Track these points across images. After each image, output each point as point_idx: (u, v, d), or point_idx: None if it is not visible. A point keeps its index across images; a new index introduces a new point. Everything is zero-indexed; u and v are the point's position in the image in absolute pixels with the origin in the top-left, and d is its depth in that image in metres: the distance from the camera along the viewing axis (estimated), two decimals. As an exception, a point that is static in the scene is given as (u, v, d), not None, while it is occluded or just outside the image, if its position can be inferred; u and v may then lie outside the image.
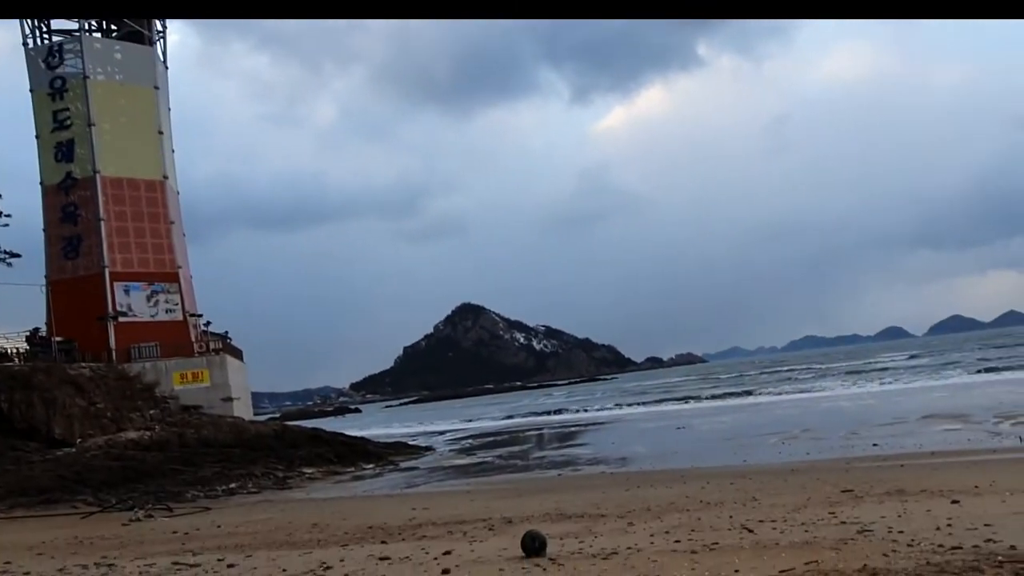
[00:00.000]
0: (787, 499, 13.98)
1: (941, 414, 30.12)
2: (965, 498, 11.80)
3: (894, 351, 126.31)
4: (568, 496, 18.09)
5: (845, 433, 27.55)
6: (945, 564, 6.77)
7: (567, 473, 25.62)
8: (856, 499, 13.10)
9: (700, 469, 22.21)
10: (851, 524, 9.80)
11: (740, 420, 38.77)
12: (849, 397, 46.21)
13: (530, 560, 9.01)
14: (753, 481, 17.64)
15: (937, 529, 8.74)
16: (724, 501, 14.63)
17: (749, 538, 9.33)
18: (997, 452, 19.29)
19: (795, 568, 7.20)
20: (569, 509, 15.58)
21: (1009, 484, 13.02)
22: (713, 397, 61.49)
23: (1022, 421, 25.02)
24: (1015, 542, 7.60)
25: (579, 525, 12.62)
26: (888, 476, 16.10)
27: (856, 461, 20.26)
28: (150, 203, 39.03)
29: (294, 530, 15.70)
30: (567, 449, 35.59)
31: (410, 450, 40.69)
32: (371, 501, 22.41)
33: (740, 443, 28.39)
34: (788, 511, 12.30)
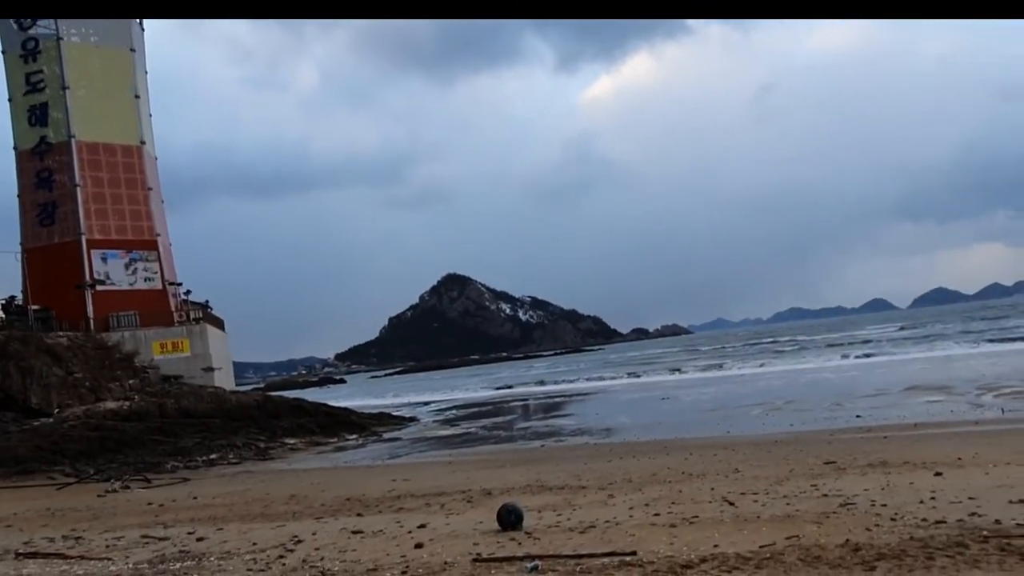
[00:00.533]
0: (770, 471, 13.84)
1: (924, 386, 30.14)
2: (948, 470, 11.66)
3: (879, 323, 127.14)
4: (550, 467, 17.93)
5: (829, 405, 27.52)
6: (929, 539, 6.56)
7: (550, 444, 25.46)
8: (839, 471, 12.96)
9: (683, 440, 22.10)
10: (833, 497, 9.61)
11: (724, 391, 38.76)
12: (833, 369, 46.31)
13: (506, 534, 8.78)
14: (736, 453, 17.52)
15: (921, 503, 8.56)
16: (706, 473, 14.48)
17: (730, 511, 9.12)
18: (980, 424, 19.24)
19: (776, 543, 6.98)
20: (550, 481, 15.42)
21: (992, 456, 12.91)
22: (697, 368, 61.62)
23: (1005, 393, 25.04)
24: (999, 516, 7.41)
25: (559, 497, 12.42)
26: (871, 448, 15.99)
27: (839, 433, 20.18)
28: (127, 169, 38.21)
29: (271, 502, 15.45)
30: (551, 420, 35.51)
31: (393, 421, 40.51)
32: (351, 472, 22.21)
33: (724, 414, 28.34)
34: (770, 483, 12.14)
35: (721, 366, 61.51)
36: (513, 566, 6.90)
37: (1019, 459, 12.31)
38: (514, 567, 6.87)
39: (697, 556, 6.69)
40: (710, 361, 70.29)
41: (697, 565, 6.35)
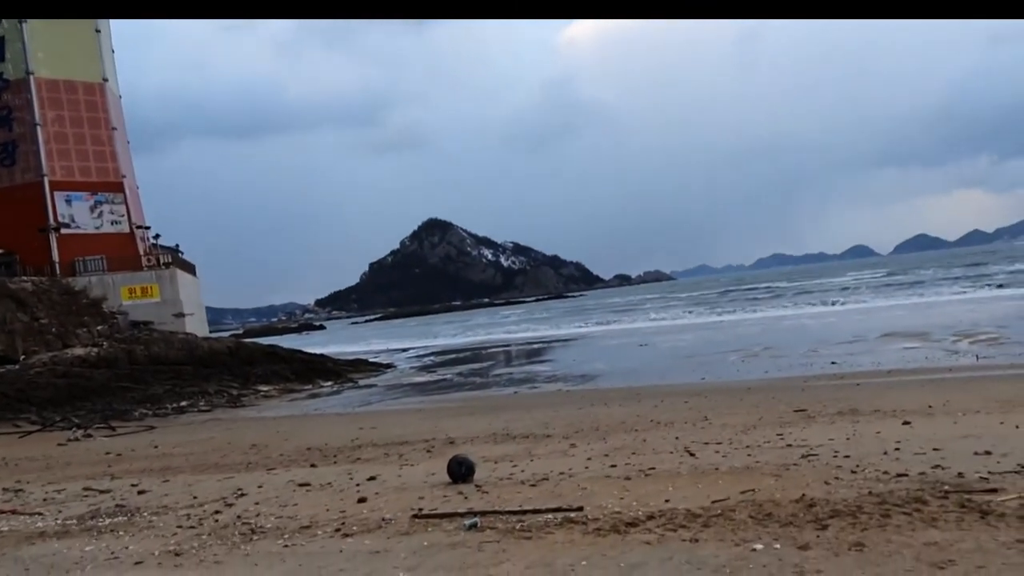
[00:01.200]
0: (738, 419, 13.60)
1: (901, 332, 30.05)
2: (917, 419, 11.41)
3: (860, 270, 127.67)
4: (519, 415, 17.68)
5: (805, 351, 27.36)
6: (888, 494, 6.23)
7: (524, 391, 25.23)
8: (807, 419, 12.72)
9: (657, 387, 21.90)
10: (797, 447, 9.30)
11: (702, 338, 38.65)
12: (812, 315, 46.28)
13: (455, 487, 8.42)
14: (708, 400, 17.31)
15: (884, 454, 8.24)
16: (674, 421, 14.24)
17: (689, 463, 8.79)
18: (953, 371, 19.06)
19: (729, 497, 6.63)
20: (517, 429, 15.15)
21: (963, 404, 12.68)
22: (677, 314, 61.61)
23: (980, 339, 24.93)
24: (963, 468, 7.09)
25: (521, 446, 12.11)
26: (843, 395, 15.80)
27: (813, 380, 19.97)
28: (89, 107, 36.88)
29: (230, 452, 15.10)
30: (528, 366, 35.34)
31: (370, 367, 40.25)
32: (320, 420, 21.90)
33: (700, 361, 28.18)
34: (737, 432, 11.87)
35: (701, 312, 61.50)
36: (452, 522, 6.53)
37: (989, 407, 12.09)
38: (453, 523, 6.50)
39: (645, 512, 6.33)
40: (691, 307, 70.32)
41: (643, 522, 5.99)
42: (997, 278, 61.34)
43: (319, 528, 6.74)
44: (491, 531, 6.08)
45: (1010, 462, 7.21)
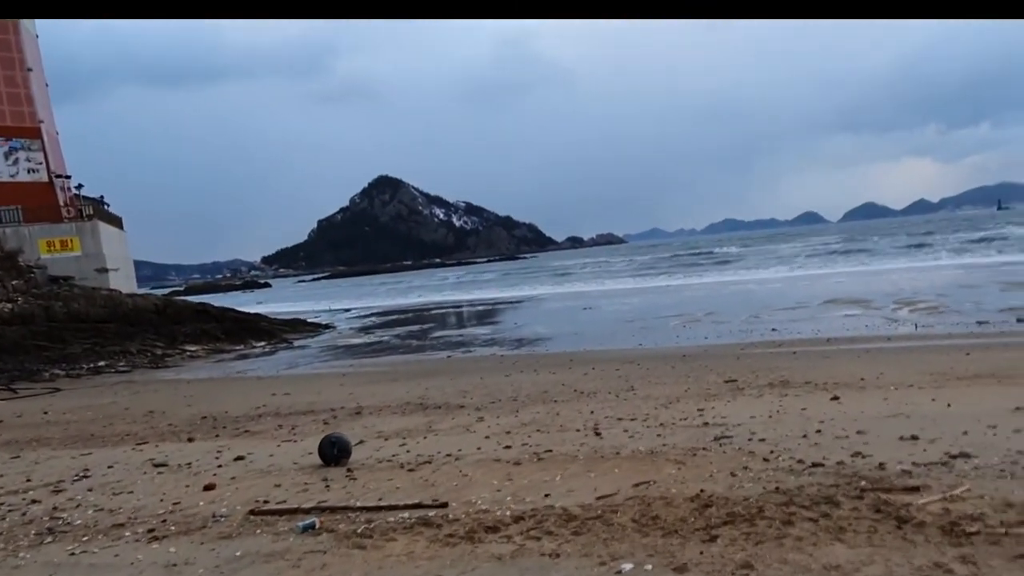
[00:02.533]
0: (665, 390, 12.86)
1: (844, 299, 29.70)
2: (848, 394, 10.71)
3: (810, 236, 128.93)
4: (442, 382, 16.78)
5: (747, 317, 26.84)
6: (797, 492, 5.38)
7: (457, 355, 24.29)
8: (736, 392, 12.00)
9: (592, 353, 21.16)
10: (714, 427, 8.47)
11: (647, 302, 38.07)
12: (758, 281, 46.03)
13: (324, 471, 7.41)
14: (640, 367, 16.57)
15: (804, 437, 7.44)
16: (599, 391, 13.46)
17: (591, 444, 7.89)
18: (892, 340, 18.57)
19: (618, 492, 5.74)
20: (434, 398, 14.28)
21: (896, 377, 12.06)
22: (625, 277, 61.18)
23: (920, 308, 24.61)
24: (885, 457, 6.30)
25: (426, 419, 11.16)
26: (778, 364, 15.17)
27: (751, 347, 19.33)
28: (2, 47, 34.35)
29: (120, 420, 13.90)
30: (469, 329, 34.40)
31: (308, 327, 38.94)
32: (235, 384, 20.69)
33: (641, 325, 27.51)
34: (658, 405, 11.09)
35: (649, 275, 61.16)
36: (291, 521, 5.52)
37: (921, 380, 11.46)
38: (292, 523, 5.49)
39: (515, 512, 5.41)
40: (640, 270, 70.01)
41: (507, 526, 5.06)
42: (941, 247, 61.96)
43: (132, 527, 5.69)
44: (327, 535, 5.10)
45: (936, 450, 6.43)
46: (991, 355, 13.97)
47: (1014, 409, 8.09)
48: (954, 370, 12.39)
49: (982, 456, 6.12)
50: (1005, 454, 6.15)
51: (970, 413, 8.02)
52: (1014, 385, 10.36)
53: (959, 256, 51.66)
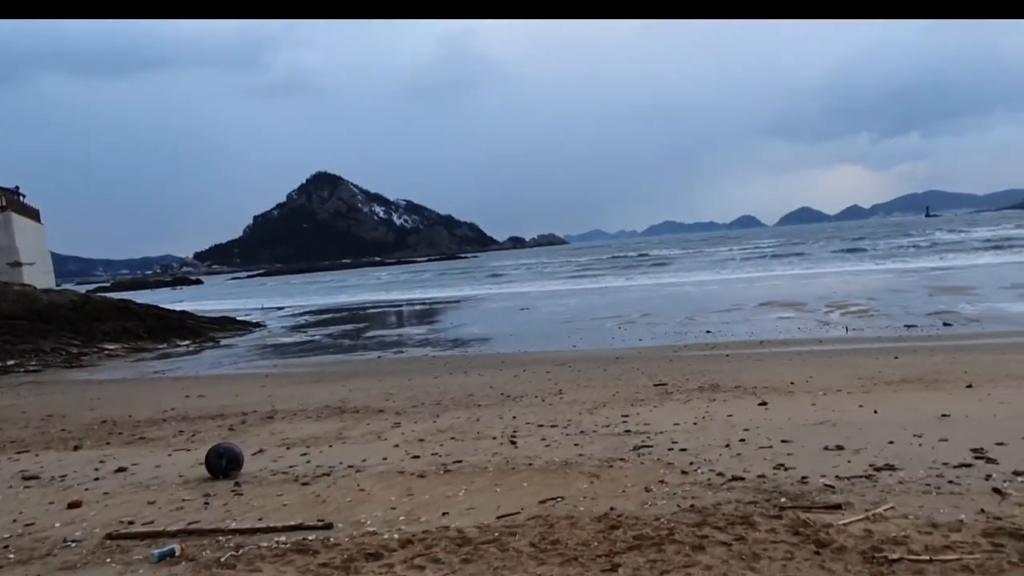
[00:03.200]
0: (592, 394, 12.47)
1: (778, 302, 29.89)
2: (776, 399, 10.45)
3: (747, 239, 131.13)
4: (367, 384, 16.15)
5: (682, 319, 26.74)
6: (712, 510, 4.96)
7: (389, 356, 23.59)
8: (664, 396, 11.65)
9: (525, 355, 20.72)
10: (635, 435, 8.06)
11: (585, 303, 37.87)
12: (695, 283, 46.29)
13: (209, 484, 6.75)
14: (571, 370, 16.18)
15: (727, 446, 7.07)
16: (525, 394, 13.00)
17: (504, 454, 7.39)
18: (823, 343, 18.56)
19: (522, 511, 5.25)
20: (355, 401, 13.65)
21: (825, 381, 11.88)
22: (564, 278, 61.10)
23: (851, 311, 24.82)
24: (808, 470, 5.94)
25: (340, 424, 10.52)
26: (709, 367, 14.92)
27: (684, 349, 19.13)
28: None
29: (12, 424, 12.90)
30: (404, 329, 33.68)
31: (237, 326, 37.65)
32: (148, 386, 19.64)
33: (577, 327, 27.19)
34: (582, 410, 10.68)
35: (588, 276, 61.19)
36: (152, 547, 4.87)
37: (850, 385, 11.29)
38: (152, 548, 4.84)
39: (404, 535, 4.88)
40: (579, 272, 70.06)
41: (392, 552, 4.53)
42: (873, 251, 63.43)
43: (-34, 555, 4.97)
44: (185, 564, 4.48)
45: (861, 461, 6.10)
46: (919, 359, 13.95)
47: (939, 417, 7.87)
48: (882, 374, 12.28)
49: (907, 468, 5.81)
50: (930, 467, 5.86)
51: (896, 421, 7.77)
52: (940, 390, 10.23)
53: (889, 261, 52.88)
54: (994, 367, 12.34)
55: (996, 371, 11.86)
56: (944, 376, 11.56)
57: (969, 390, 10.07)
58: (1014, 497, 4.98)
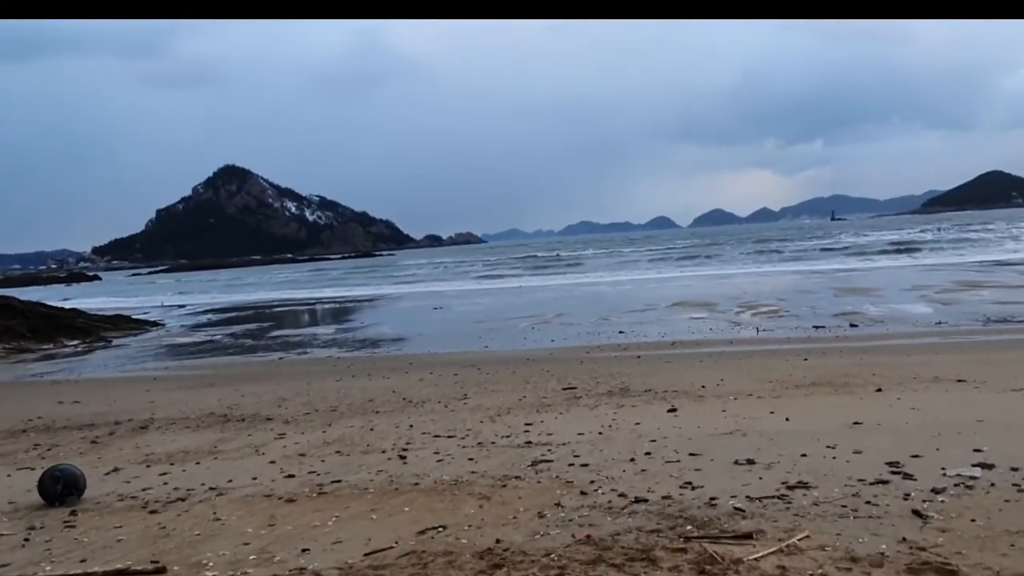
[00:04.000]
0: (499, 399, 11.86)
1: (691, 302, 29.95)
2: (686, 404, 10.03)
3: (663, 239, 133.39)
4: (263, 388, 15.14)
5: (596, 319, 26.42)
6: (611, 540, 4.38)
7: (291, 357, 22.46)
8: (571, 401, 11.14)
9: (434, 356, 19.98)
10: (537, 446, 7.46)
11: (499, 303, 37.30)
12: (610, 283, 46.36)
13: (40, 513, 5.78)
14: (480, 372, 15.54)
15: (632, 460, 6.52)
16: (428, 400, 12.30)
17: (390, 472, 6.66)
18: (734, 343, 18.43)
19: (395, 545, 4.56)
20: (245, 407, 12.69)
21: (736, 385, 11.57)
22: (480, 277, 60.56)
23: (762, 312, 24.97)
24: (718, 489, 5.43)
25: (218, 436, 9.58)
26: (621, 370, 14.50)
27: (596, 350, 18.72)
28: None
29: None
30: (311, 329, 32.40)
31: (132, 325, 35.55)
32: (20, 390, 18.07)
33: (490, 327, 26.56)
34: (485, 417, 10.05)
35: (504, 276, 60.81)
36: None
37: (761, 389, 11.00)
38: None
39: (248, 582, 4.08)
40: (495, 271, 69.64)
41: (225, 608, 3.74)
42: (782, 253, 65.06)
43: None
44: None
45: (773, 479, 5.63)
46: (827, 361, 13.84)
47: (851, 425, 7.53)
48: (793, 377, 12.06)
49: (822, 486, 5.36)
50: (846, 484, 5.43)
51: (809, 430, 7.39)
52: (850, 395, 10.00)
53: (798, 262, 54.23)
54: (901, 369, 12.28)
55: (903, 373, 11.78)
56: (853, 379, 11.39)
57: (879, 394, 9.86)
58: (935, 521, 4.57)
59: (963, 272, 35.80)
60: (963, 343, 15.99)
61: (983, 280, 30.80)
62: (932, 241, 65.98)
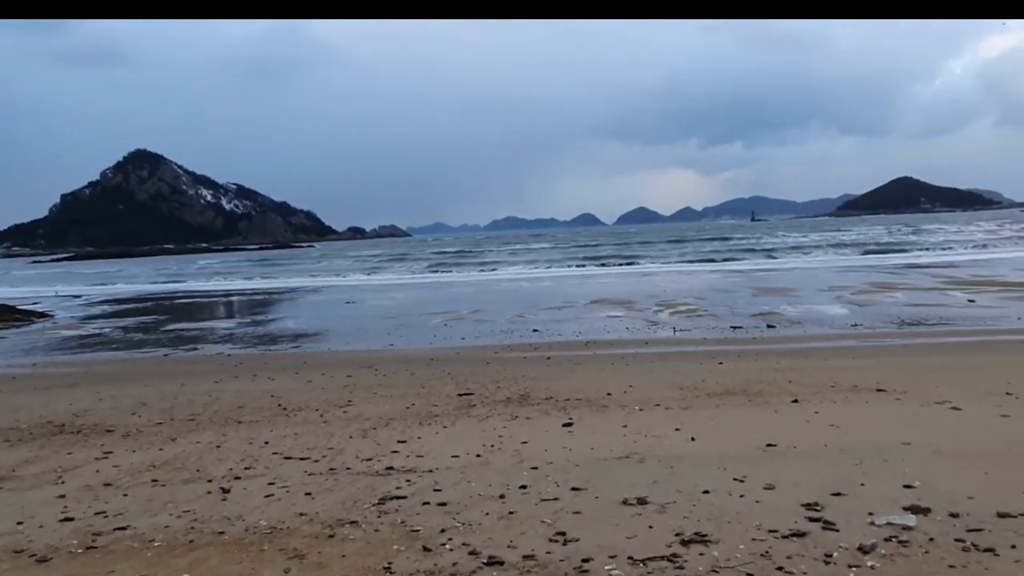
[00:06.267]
0: (385, 406, 10.61)
1: (609, 299, 29.18)
2: (585, 416, 8.96)
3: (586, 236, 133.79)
4: (126, 391, 13.54)
5: (512, 316, 25.33)
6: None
7: (179, 354, 20.67)
8: (462, 410, 9.96)
9: (333, 354, 18.61)
10: (398, 474, 6.23)
11: (415, 297, 35.89)
12: (530, 279, 45.45)
13: None
14: (376, 373, 14.25)
15: (502, 497, 5.36)
16: (307, 406, 10.98)
17: (199, 512, 5.31)
18: (650, 344, 17.57)
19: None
20: (93, 415, 11.17)
21: (645, 391, 10.58)
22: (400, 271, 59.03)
23: (680, 311, 24.29)
24: (594, 543, 4.30)
25: (27, 455, 8.09)
26: (526, 372, 13.42)
27: (506, 350, 17.60)
28: None
29: None
30: (210, 322, 30.34)
31: (17, 316, 32.81)
32: None
33: (401, 323, 25.19)
34: (359, 431, 8.80)
35: (424, 270, 59.45)
36: None
37: (670, 398, 10.00)
38: None
39: None
40: (417, 265, 68.19)
41: None
42: (702, 252, 65.41)
43: None
44: None
45: (665, 528, 4.51)
46: (742, 365, 13.02)
47: (764, 448, 6.52)
48: (705, 384, 11.12)
49: (724, 541, 4.27)
50: (754, 536, 4.35)
51: (716, 454, 6.35)
52: (764, 406, 9.08)
53: (718, 261, 54.38)
54: (818, 375, 11.49)
55: (820, 380, 10.97)
56: (768, 387, 10.51)
57: (795, 405, 8.96)
58: (866, 599, 3.51)
59: (877, 274, 36.08)
60: (880, 347, 15.45)
61: (896, 282, 30.93)
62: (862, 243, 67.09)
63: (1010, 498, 4.95)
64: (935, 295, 25.28)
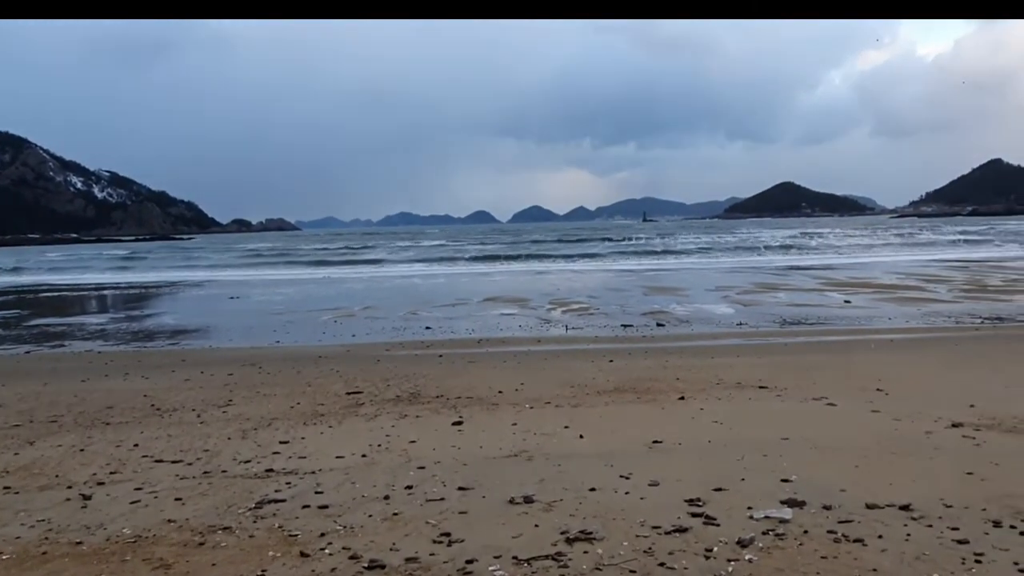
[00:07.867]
0: (268, 405, 10.22)
1: (503, 297, 29.23)
2: (475, 415, 8.92)
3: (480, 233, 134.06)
4: (-17, 390, 12.46)
5: (404, 313, 24.98)
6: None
7: (43, 351, 19.35)
8: (350, 409, 9.71)
9: (214, 351, 17.84)
10: (276, 477, 5.94)
11: (304, 293, 34.94)
12: (424, 275, 45.09)
13: None
14: (260, 372, 13.74)
15: (386, 498, 5.19)
16: (183, 406, 10.45)
17: (57, 520, 4.89)
18: (542, 342, 17.64)
19: None
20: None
21: (535, 390, 10.60)
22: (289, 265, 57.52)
23: (573, 309, 24.57)
24: (480, 543, 4.20)
25: None
26: (417, 370, 13.23)
27: (397, 347, 17.31)
28: None
29: None
30: (79, 318, 28.57)
31: None
32: None
33: (289, 319, 24.44)
34: (238, 432, 8.40)
35: (314, 264, 58.19)
36: None
37: (561, 396, 10.05)
38: None
39: None
40: (306, 258, 66.62)
41: None
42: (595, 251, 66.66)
43: None
44: None
45: (551, 527, 4.46)
46: (633, 364, 13.24)
47: (650, 445, 6.59)
48: (596, 381, 11.24)
49: (609, 538, 4.25)
50: (638, 533, 4.35)
51: (604, 451, 6.37)
52: (651, 402, 9.24)
53: (610, 260, 55.52)
54: (704, 372, 11.82)
55: (706, 377, 11.28)
56: (657, 384, 10.72)
57: (681, 402, 9.15)
58: (743, 593, 3.55)
59: (762, 274, 37.63)
60: (763, 345, 16.04)
61: (779, 283, 32.33)
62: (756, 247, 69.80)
63: (877, 490, 5.18)
64: (815, 296, 26.55)
